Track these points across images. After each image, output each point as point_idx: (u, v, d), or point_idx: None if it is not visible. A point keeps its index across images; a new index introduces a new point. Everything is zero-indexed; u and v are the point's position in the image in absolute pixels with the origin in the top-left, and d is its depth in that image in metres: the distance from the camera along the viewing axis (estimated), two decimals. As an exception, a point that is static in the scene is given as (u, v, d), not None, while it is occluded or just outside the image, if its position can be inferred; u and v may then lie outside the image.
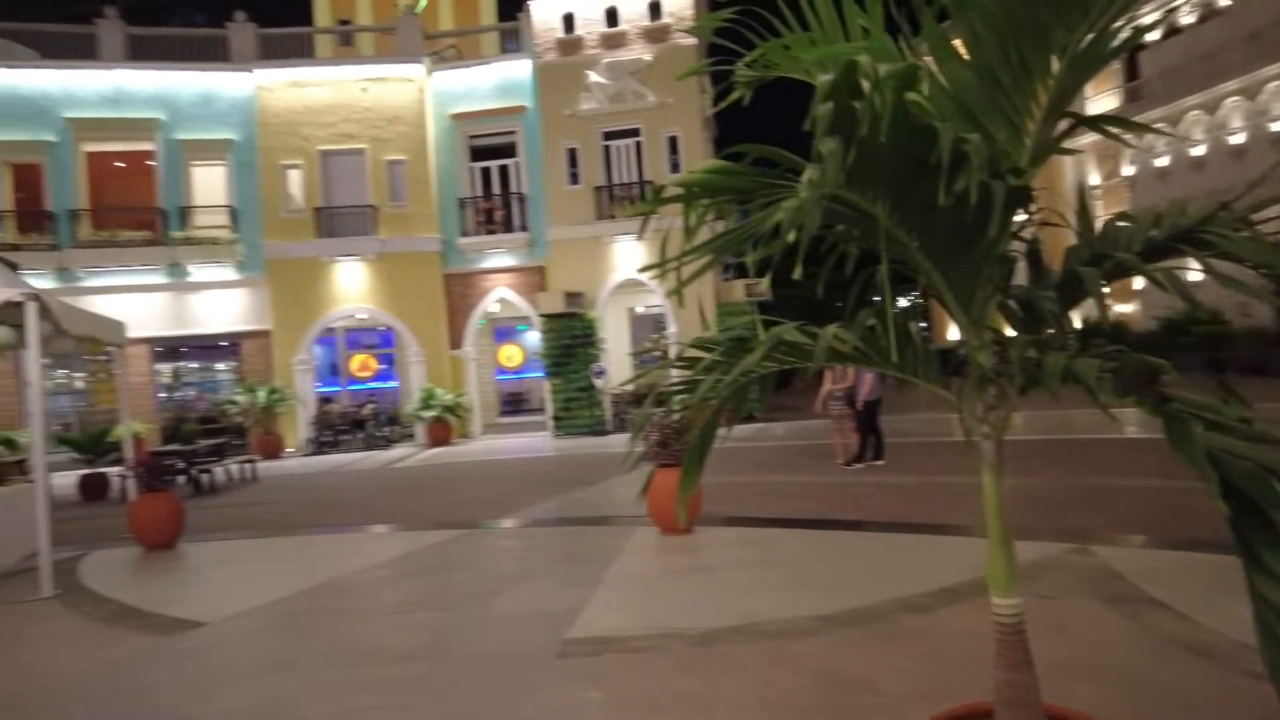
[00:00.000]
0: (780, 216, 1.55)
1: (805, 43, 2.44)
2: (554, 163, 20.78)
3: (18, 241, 18.83)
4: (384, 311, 20.92)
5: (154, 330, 19.65)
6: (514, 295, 21.24)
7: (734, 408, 2.61)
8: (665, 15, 20.47)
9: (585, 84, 20.59)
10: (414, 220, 20.97)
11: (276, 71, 20.69)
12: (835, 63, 1.93)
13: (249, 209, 20.46)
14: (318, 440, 20.18)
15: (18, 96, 19.46)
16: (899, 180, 1.83)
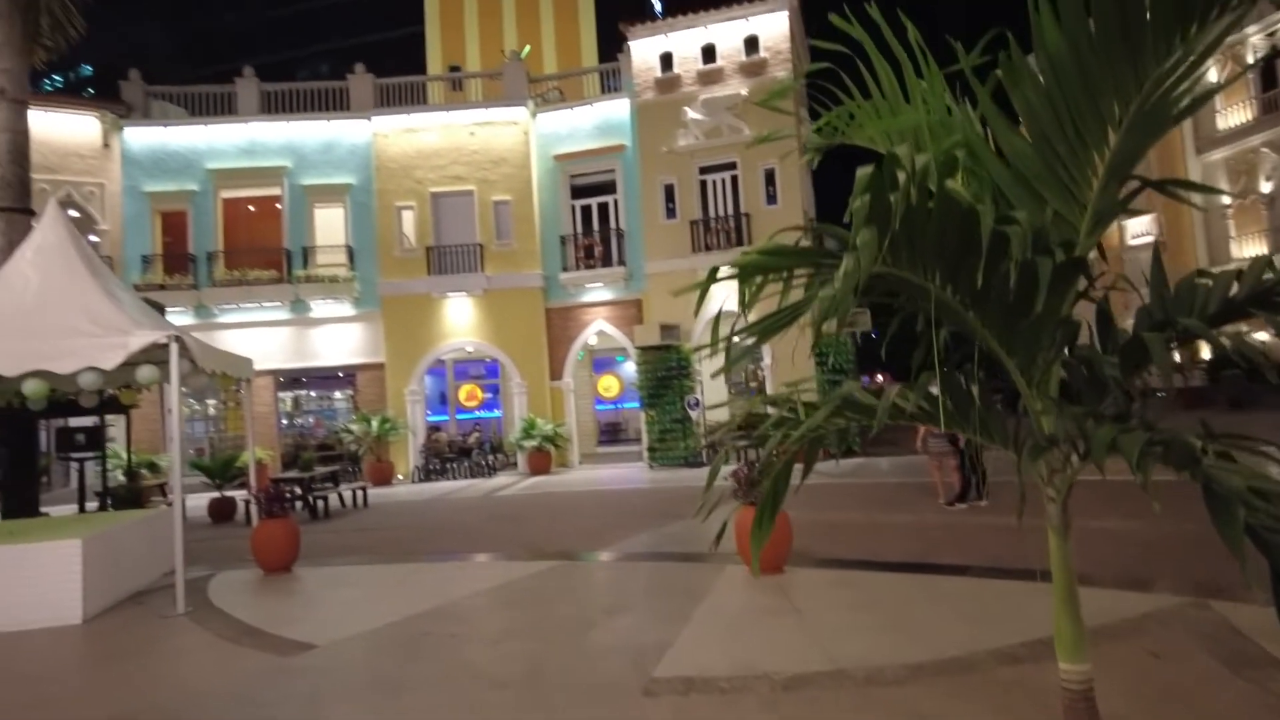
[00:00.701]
0: (816, 305, 1.65)
1: (871, 112, 2.53)
2: (651, 198, 21.20)
3: (164, 282, 20.65)
4: (489, 344, 21.74)
5: (278, 363, 21.09)
6: (611, 328, 21.67)
7: (807, 457, 2.69)
8: (762, 50, 20.66)
9: (682, 120, 20.97)
10: (518, 257, 21.77)
11: (392, 118, 22.02)
12: (897, 134, 2.02)
13: (365, 248, 21.76)
14: (426, 468, 21.05)
15: (169, 151, 21.47)
16: (948, 257, 1.90)
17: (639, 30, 21.49)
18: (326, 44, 56.57)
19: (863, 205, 1.66)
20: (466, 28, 31.39)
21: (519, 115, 22.08)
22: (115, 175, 21.08)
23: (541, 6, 31.47)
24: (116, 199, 21.02)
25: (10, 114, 11.87)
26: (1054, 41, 1.94)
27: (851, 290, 1.59)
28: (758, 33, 20.73)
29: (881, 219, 1.68)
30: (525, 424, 20.74)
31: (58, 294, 8.18)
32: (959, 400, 2.29)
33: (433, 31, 31.76)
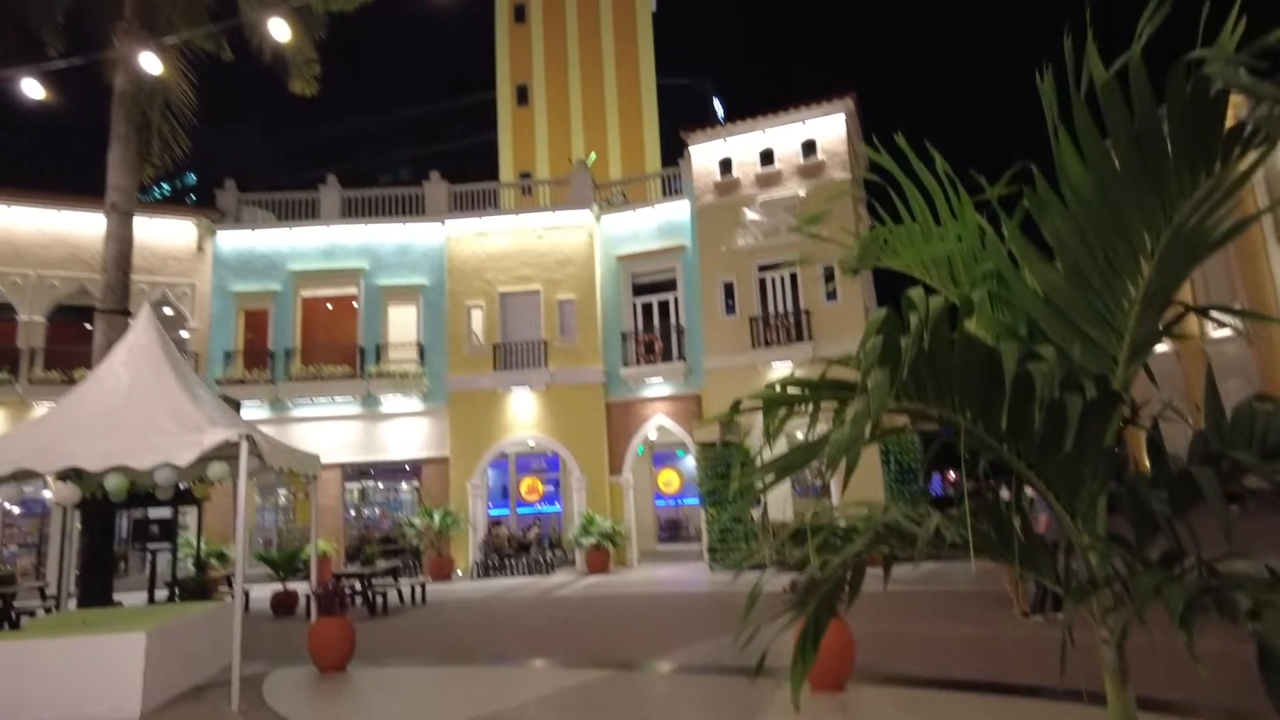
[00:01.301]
0: (829, 447, 1.64)
1: (904, 238, 2.56)
2: (711, 296, 21.48)
3: (243, 377, 21.62)
4: (551, 438, 21.91)
5: (347, 456, 21.63)
6: (671, 423, 21.64)
7: (852, 581, 2.60)
8: (819, 152, 21.12)
9: (741, 221, 21.40)
10: (581, 353, 22.15)
11: (464, 222, 23.07)
12: (931, 260, 2.03)
13: (435, 345, 22.48)
14: (485, 563, 20.98)
15: (255, 254, 22.86)
16: (973, 395, 1.87)
17: (699, 136, 22.27)
18: (407, 152, 60.21)
19: (874, 347, 1.67)
20: (537, 137, 33.04)
21: (584, 218, 22.88)
22: (206, 276, 22.48)
23: (608, 116, 32.99)
24: (206, 298, 22.35)
25: (119, 225, 12.91)
26: (1077, 174, 1.96)
27: (863, 434, 1.58)
28: (815, 136, 21.24)
29: (894, 360, 1.68)
30: (584, 520, 20.62)
31: (143, 393, 8.65)
32: (1001, 530, 2.21)
33: (505, 140, 33.52)
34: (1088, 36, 1.94)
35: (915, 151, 2.49)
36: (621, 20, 33.51)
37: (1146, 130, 1.80)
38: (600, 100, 33.17)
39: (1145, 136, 1.82)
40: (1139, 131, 1.82)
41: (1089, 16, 1.98)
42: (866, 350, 1.66)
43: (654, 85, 33.61)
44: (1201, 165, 1.79)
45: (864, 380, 1.62)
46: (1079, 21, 2.05)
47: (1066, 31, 2.03)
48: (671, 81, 40.08)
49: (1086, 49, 1.93)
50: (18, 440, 8.49)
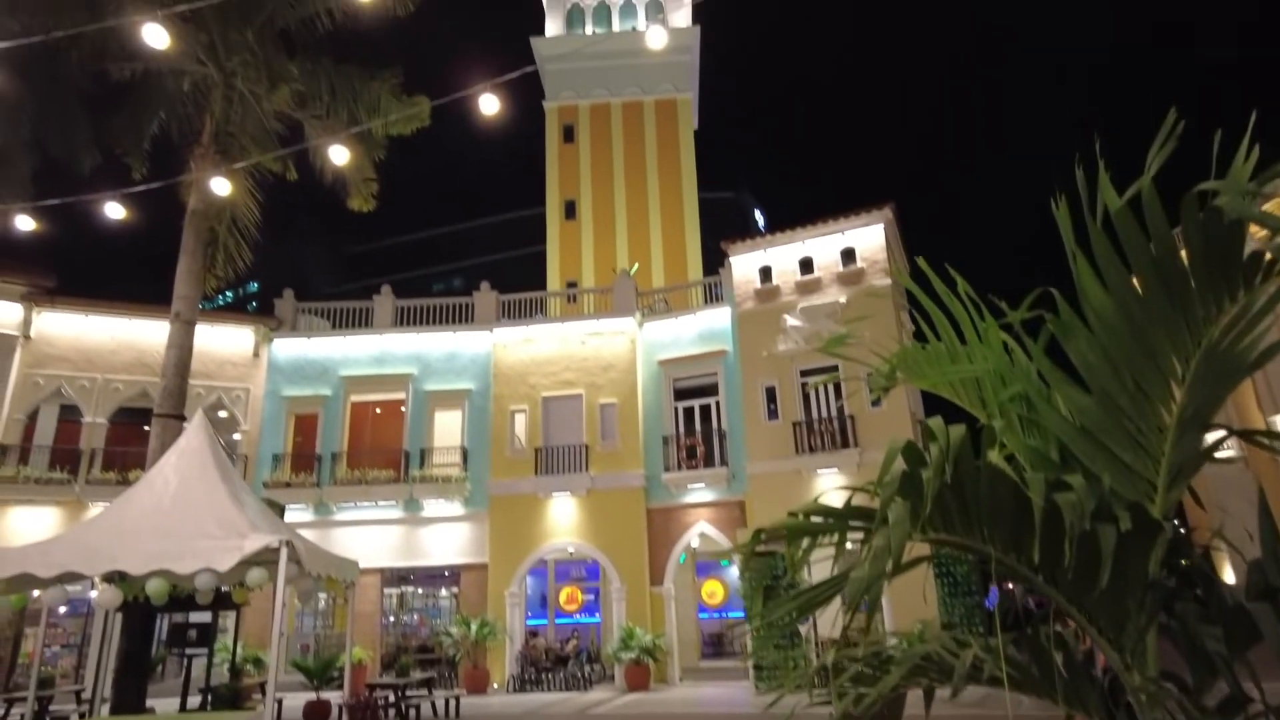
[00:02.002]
0: (850, 584, 1.60)
1: (930, 358, 2.55)
2: (753, 400, 21.40)
3: (290, 480, 21.91)
4: (591, 545, 21.58)
5: (387, 560, 21.53)
6: (714, 531, 21.18)
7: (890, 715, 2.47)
8: (859, 260, 21.34)
9: (782, 327, 21.51)
10: (621, 457, 22.06)
11: (511, 330, 23.61)
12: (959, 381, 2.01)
13: (479, 449, 22.62)
14: (521, 677, 20.35)
15: (309, 360, 23.59)
16: (1004, 524, 1.81)
17: (739, 247, 22.75)
18: (460, 262, 62.52)
19: (893, 480, 1.63)
20: (583, 248, 34.10)
21: (627, 325, 23.25)
22: (260, 381, 23.18)
23: (651, 228, 34.01)
24: (259, 402, 22.97)
25: (181, 333, 13.53)
26: (1098, 298, 1.94)
27: (884, 571, 1.54)
28: (854, 244, 21.53)
29: (916, 493, 1.65)
30: (624, 633, 19.98)
31: (190, 497, 8.83)
32: (1043, 663, 2.09)
33: (553, 252, 34.64)
34: (1099, 165, 1.98)
35: (937, 273, 2.51)
36: (665, 139, 35.00)
37: (1165, 257, 1.80)
38: (644, 213, 34.28)
39: (1164, 263, 1.82)
40: (1158, 258, 1.82)
41: (1099, 147, 2.02)
42: (886, 482, 1.63)
43: (695, 198, 34.69)
44: (1225, 291, 1.77)
45: (883, 513, 1.58)
46: (1090, 150, 2.08)
47: (1078, 160, 2.06)
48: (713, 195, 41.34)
49: (1099, 178, 1.95)
50: (66, 543, 8.67)
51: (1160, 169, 1.89)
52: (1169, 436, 2.02)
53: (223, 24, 13.87)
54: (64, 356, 21.33)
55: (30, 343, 21.05)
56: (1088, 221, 1.99)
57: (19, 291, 20.88)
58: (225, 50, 14.19)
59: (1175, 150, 1.95)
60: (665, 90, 35.30)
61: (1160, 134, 1.89)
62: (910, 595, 15.92)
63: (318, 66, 15.22)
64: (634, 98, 35.23)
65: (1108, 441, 2.04)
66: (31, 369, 20.92)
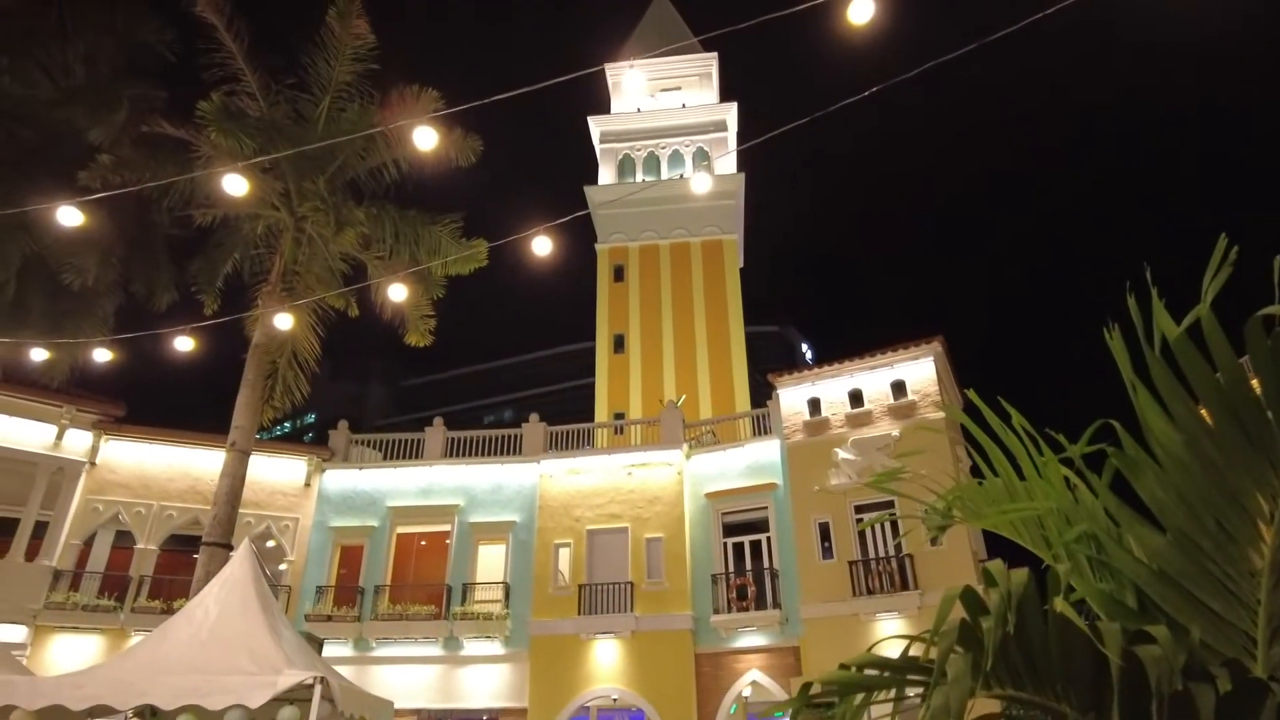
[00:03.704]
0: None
1: (990, 496, 2.41)
2: (805, 537, 20.67)
3: (331, 613, 21.57)
4: (635, 692, 20.48)
5: (424, 701, 20.69)
6: (766, 679, 19.98)
7: None
8: (910, 393, 21.04)
9: (834, 460, 21.04)
10: (668, 597, 21.29)
11: (558, 462, 23.56)
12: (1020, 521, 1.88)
13: (521, 584, 22.10)
14: (558, 837, 18.91)
15: (358, 491, 23.75)
16: (1079, 680, 1.63)
17: (787, 380, 22.69)
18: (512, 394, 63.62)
19: (951, 630, 1.49)
20: (631, 380, 34.45)
21: (674, 457, 23.03)
22: (309, 511, 23.31)
23: (698, 361, 34.33)
24: (306, 533, 23.00)
25: (236, 462, 13.79)
26: (1164, 432, 1.82)
27: None
28: (904, 378, 21.30)
29: (976, 644, 1.49)
30: (670, 791, 18.60)
31: (228, 629, 8.69)
32: None
33: (601, 384, 35.04)
34: (1151, 293, 1.91)
35: (990, 406, 2.41)
36: (711, 277, 35.90)
37: (1235, 387, 1.69)
38: (691, 347, 34.71)
39: (1235, 393, 1.70)
40: (1227, 388, 1.71)
41: (1150, 275, 1.95)
42: (943, 631, 1.48)
43: (742, 332, 35.11)
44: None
45: (941, 666, 1.43)
46: (1140, 279, 2.02)
47: (1129, 289, 2.00)
48: (759, 329, 41.85)
49: (1153, 306, 1.88)
50: (99, 675, 8.54)
51: (1216, 295, 1.81)
52: (1262, 582, 1.83)
53: (298, 174, 14.93)
54: (124, 483, 21.85)
55: (95, 469, 21.68)
56: (1145, 352, 1.90)
57: (91, 419, 21.72)
58: (298, 197, 15.19)
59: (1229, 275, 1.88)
60: (711, 232, 36.52)
61: (1213, 260, 1.82)
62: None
63: (383, 211, 16.14)
64: (681, 239, 36.46)
65: (1191, 587, 1.86)
66: (93, 495, 21.44)
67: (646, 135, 38.99)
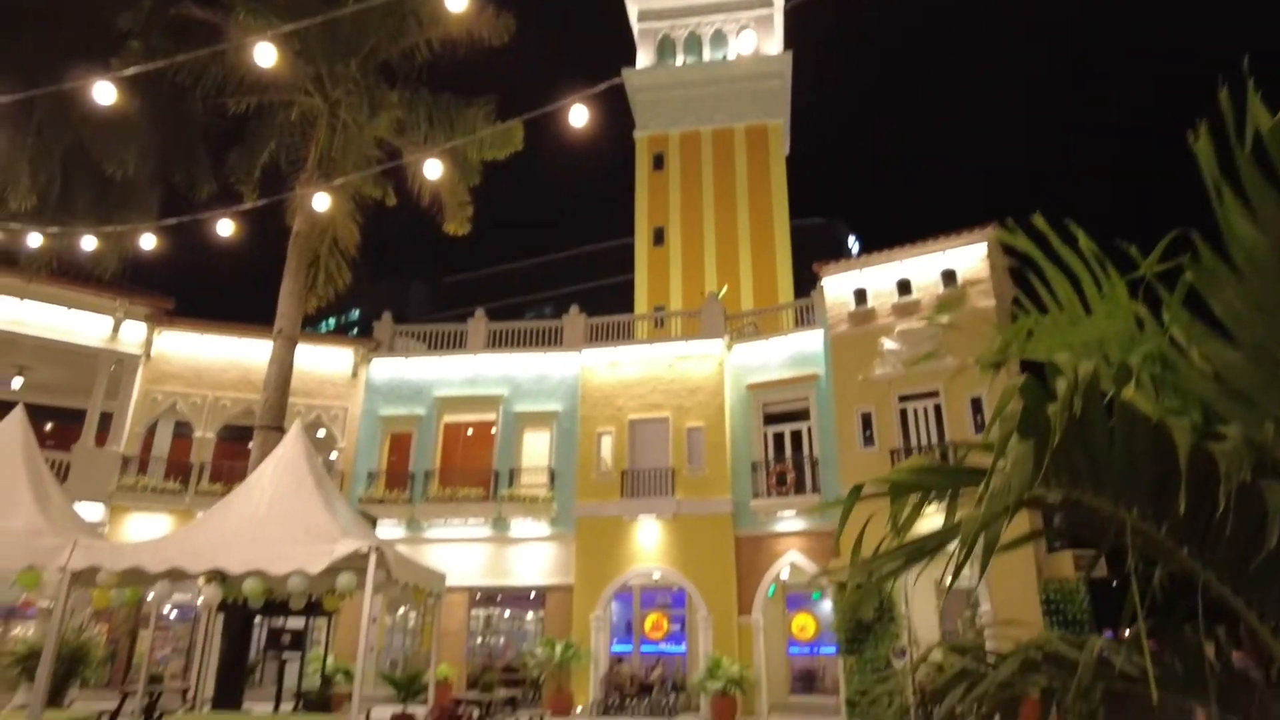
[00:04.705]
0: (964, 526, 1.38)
1: (1048, 326, 2.29)
2: (847, 427, 20.72)
3: (383, 497, 22.55)
4: (677, 571, 21.26)
5: (475, 579, 21.76)
6: (805, 561, 20.52)
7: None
8: (960, 281, 20.52)
9: (879, 350, 20.82)
10: (708, 483, 21.74)
11: (599, 352, 23.76)
12: (1081, 347, 1.80)
13: (565, 470, 22.74)
14: (605, 702, 20.12)
15: (404, 381, 24.34)
16: (1141, 482, 1.56)
17: (832, 269, 22.23)
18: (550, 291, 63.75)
19: (1011, 416, 1.42)
20: (671, 273, 34.16)
21: (715, 349, 23.03)
22: (358, 401, 24.02)
23: (740, 253, 33.79)
24: (355, 421, 23.79)
25: (283, 349, 14.13)
26: (1249, 236, 1.68)
27: (1001, 513, 1.32)
28: (955, 266, 20.73)
29: (1039, 433, 1.42)
30: (711, 663, 19.50)
31: (284, 504, 9.09)
32: (1190, 661, 1.80)
33: (641, 278, 34.83)
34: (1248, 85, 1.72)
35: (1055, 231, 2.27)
36: (755, 165, 34.83)
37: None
38: (733, 239, 34.12)
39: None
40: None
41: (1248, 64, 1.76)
42: (1005, 417, 1.41)
43: (786, 223, 34.31)
44: None
45: (997, 453, 1.37)
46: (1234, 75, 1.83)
47: (1222, 83, 1.81)
48: (804, 221, 40.88)
49: (1248, 98, 1.70)
50: (172, 543, 9.06)
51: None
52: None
53: (329, 57, 14.61)
54: (178, 375, 22.69)
55: (150, 361, 22.50)
56: (1235, 151, 1.73)
57: (143, 313, 22.37)
58: (331, 81, 14.91)
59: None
60: (756, 117, 35.22)
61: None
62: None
63: (416, 95, 15.82)
64: (724, 125, 35.27)
65: (1263, 401, 1.76)
66: (151, 386, 22.33)
67: (687, 12, 37.22)
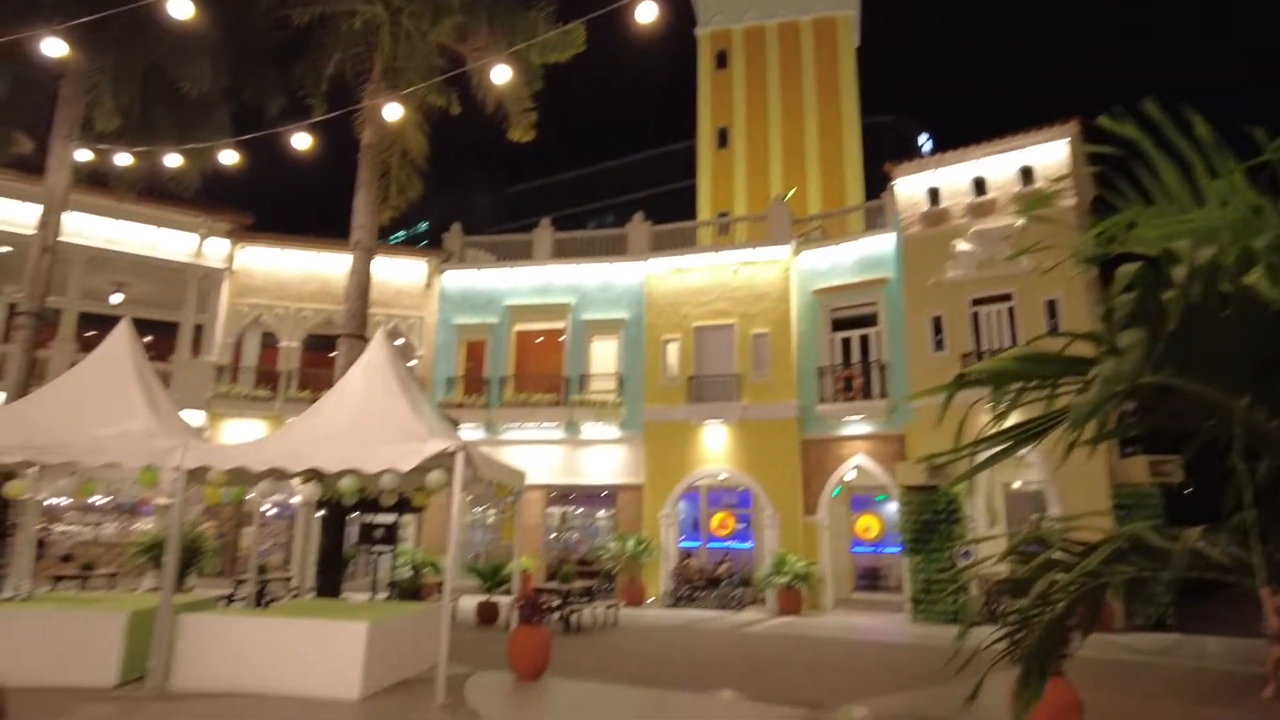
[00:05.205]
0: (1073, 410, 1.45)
1: (1154, 219, 2.26)
2: (917, 331, 20.41)
3: (462, 401, 23.43)
4: (743, 473, 21.71)
5: (548, 479, 22.64)
6: (871, 464, 20.68)
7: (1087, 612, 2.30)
8: (1039, 179, 19.61)
9: (951, 253, 20.25)
10: (775, 388, 21.87)
11: (664, 260, 23.72)
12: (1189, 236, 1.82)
13: (633, 376, 23.16)
14: (675, 593, 21.03)
15: (476, 290, 24.86)
16: (1254, 370, 1.57)
17: (904, 169, 21.45)
18: (614, 198, 63.19)
19: (1125, 303, 1.45)
20: (736, 177, 33.46)
21: (781, 254, 22.73)
22: (433, 310, 24.72)
23: (807, 154, 32.79)
24: (432, 330, 24.55)
25: (361, 260, 14.54)
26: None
27: (1110, 398, 1.37)
28: (1034, 163, 19.77)
29: (1153, 321, 1.45)
30: (776, 559, 20.10)
31: (375, 406, 9.57)
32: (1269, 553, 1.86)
33: (704, 182, 34.24)
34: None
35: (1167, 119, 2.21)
36: (823, 60, 33.36)
37: None
38: (800, 139, 33.07)
39: None
40: None
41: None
42: (1116, 303, 1.45)
43: (856, 121, 33.02)
44: None
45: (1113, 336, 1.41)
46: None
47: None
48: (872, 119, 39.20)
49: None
50: (272, 444, 9.69)
51: None
52: None
53: (390, -39, 14.40)
54: (261, 287, 23.63)
55: (234, 275, 23.45)
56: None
57: (225, 229, 23.18)
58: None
59: None
60: (824, 8, 33.51)
61: None
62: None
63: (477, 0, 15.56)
64: (790, 18, 33.69)
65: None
66: (237, 299, 23.36)
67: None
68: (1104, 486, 17.23)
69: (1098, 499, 17.00)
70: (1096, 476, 17.05)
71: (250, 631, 8.67)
